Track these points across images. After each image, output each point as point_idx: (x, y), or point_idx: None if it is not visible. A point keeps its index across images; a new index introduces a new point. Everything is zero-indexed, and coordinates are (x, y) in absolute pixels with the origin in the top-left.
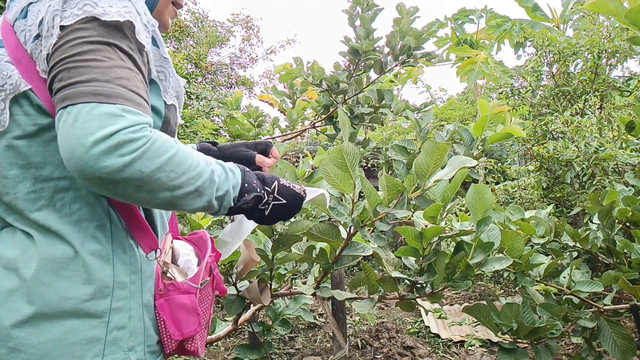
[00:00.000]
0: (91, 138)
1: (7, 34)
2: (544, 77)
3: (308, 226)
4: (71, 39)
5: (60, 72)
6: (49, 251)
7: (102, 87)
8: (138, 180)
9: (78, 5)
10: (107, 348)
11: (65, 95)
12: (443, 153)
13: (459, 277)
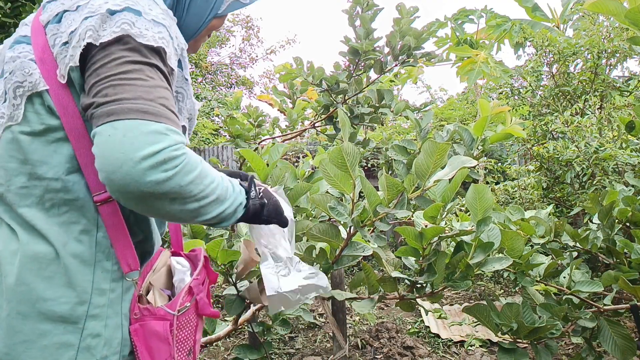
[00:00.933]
0: (140, 154)
1: (38, 33)
2: (544, 77)
3: (308, 226)
4: (115, 57)
5: (105, 89)
6: (31, 250)
7: (148, 106)
8: (175, 193)
9: (117, 24)
10: (80, 355)
11: (111, 111)
12: (443, 153)
13: (459, 277)
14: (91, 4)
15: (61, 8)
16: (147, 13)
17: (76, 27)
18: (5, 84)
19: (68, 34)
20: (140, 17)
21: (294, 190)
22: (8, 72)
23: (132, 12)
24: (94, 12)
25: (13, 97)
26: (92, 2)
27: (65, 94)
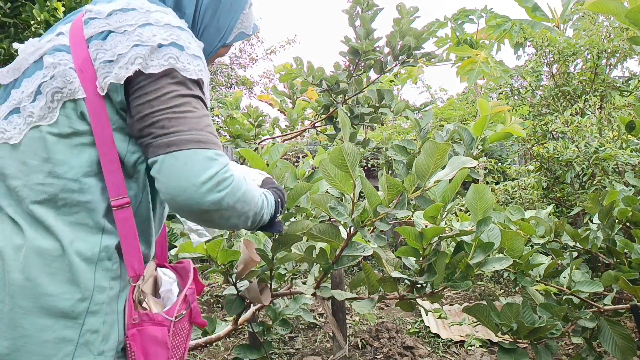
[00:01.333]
0: (199, 179)
1: (78, 45)
2: (544, 77)
3: (308, 226)
4: (166, 92)
5: (161, 121)
6: (37, 245)
7: (200, 135)
8: (226, 209)
9: (164, 57)
10: (78, 350)
11: (171, 142)
12: (443, 153)
13: (459, 277)
14: (140, 32)
15: (107, 27)
16: (188, 47)
17: (124, 51)
18: (35, 84)
19: (113, 54)
20: (183, 52)
21: (294, 190)
22: (49, 76)
23: (176, 47)
24: (144, 43)
25: (50, 100)
26: (141, 31)
27: (100, 104)
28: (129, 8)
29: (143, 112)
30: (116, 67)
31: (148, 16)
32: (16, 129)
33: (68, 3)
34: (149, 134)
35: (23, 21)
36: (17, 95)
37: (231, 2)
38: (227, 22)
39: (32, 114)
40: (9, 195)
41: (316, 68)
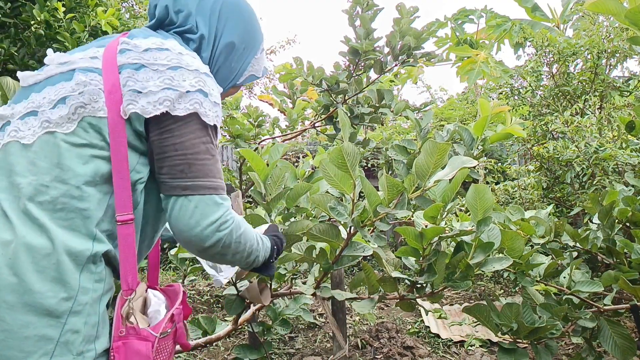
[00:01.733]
0: (206, 221)
1: (110, 70)
2: (544, 77)
3: (308, 226)
4: (189, 138)
5: (181, 165)
6: (27, 242)
7: (211, 182)
8: (225, 247)
9: (190, 102)
10: (58, 349)
11: (187, 186)
12: (443, 153)
13: (459, 277)
14: (172, 75)
15: (141, 61)
16: (211, 94)
17: (155, 90)
18: (58, 94)
19: (144, 86)
20: (206, 99)
21: (294, 190)
22: (77, 92)
23: (202, 94)
24: (174, 87)
25: (72, 112)
26: (172, 74)
27: (120, 125)
28: (163, 47)
29: (166, 153)
30: (144, 100)
31: (180, 58)
32: (30, 130)
33: (68, 3)
34: (168, 173)
35: (23, 21)
36: (37, 99)
37: (244, 47)
38: (239, 65)
39: (49, 119)
40: (9, 190)
41: (316, 68)
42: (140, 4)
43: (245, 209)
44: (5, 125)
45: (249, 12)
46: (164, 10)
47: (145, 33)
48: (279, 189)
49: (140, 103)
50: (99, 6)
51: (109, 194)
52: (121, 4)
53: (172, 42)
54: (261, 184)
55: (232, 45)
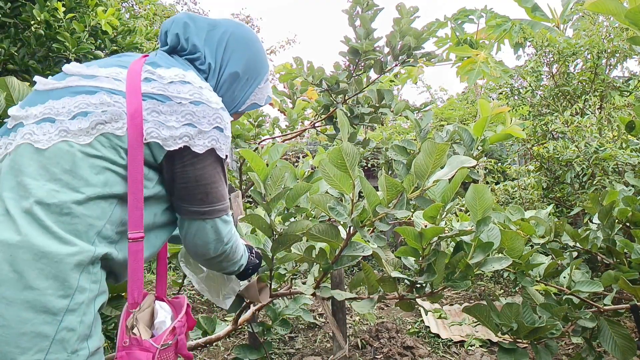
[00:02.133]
0: (218, 238)
1: (134, 95)
2: (544, 77)
3: (308, 226)
4: (207, 171)
5: (200, 194)
6: (29, 241)
7: (223, 205)
8: (226, 256)
9: (208, 139)
10: (53, 346)
11: (204, 212)
12: (442, 153)
13: (458, 277)
14: (193, 111)
15: (165, 93)
16: (226, 128)
17: (176, 125)
18: (78, 106)
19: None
20: (222, 134)
21: (293, 190)
22: (100, 110)
23: (218, 130)
24: (194, 124)
25: (92, 127)
26: (194, 109)
27: (139, 148)
28: (185, 80)
29: (187, 183)
30: (167, 133)
31: (201, 93)
32: (46, 136)
33: (68, 3)
34: (188, 201)
35: (23, 21)
36: (55, 106)
37: (247, 77)
38: (242, 94)
39: (68, 129)
40: (16, 190)
41: (316, 68)
42: (140, 4)
43: (246, 209)
44: (17, 126)
45: (256, 44)
46: (175, 38)
47: (166, 61)
48: (279, 189)
49: (162, 135)
50: (99, 6)
51: (114, 203)
52: (121, 4)
53: (191, 74)
54: (261, 184)
55: (236, 75)
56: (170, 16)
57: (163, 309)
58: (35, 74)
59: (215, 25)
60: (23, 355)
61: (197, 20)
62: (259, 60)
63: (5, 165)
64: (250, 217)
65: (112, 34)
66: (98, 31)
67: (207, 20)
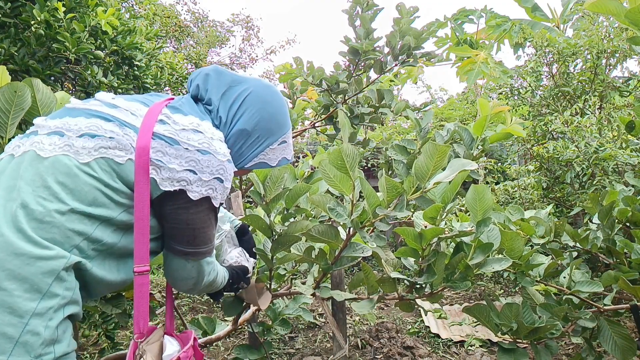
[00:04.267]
0: (197, 277)
1: (146, 133)
2: (544, 78)
3: (307, 226)
4: (199, 217)
5: (188, 236)
6: (5, 241)
7: (208, 247)
8: (204, 288)
9: (205, 188)
10: (16, 349)
11: (188, 252)
12: (443, 155)
13: (458, 277)
14: (197, 159)
15: (175, 137)
16: (226, 180)
17: (178, 169)
18: (89, 128)
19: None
20: (221, 184)
21: (293, 190)
22: (108, 136)
23: (218, 181)
24: (196, 171)
25: (94, 149)
26: (199, 157)
27: (146, 186)
28: (198, 130)
29: (178, 224)
30: (165, 174)
31: (210, 143)
32: (51, 146)
33: (68, 3)
34: (175, 240)
35: (23, 21)
36: (69, 122)
37: (258, 136)
38: (249, 152)
39: (72, 145)
40: (9, 190)
41: (316, 68)
42: (140, 4)
43: (245, 209)
44: (32, 133)
45: (274, 106)
46: (196, 89)
47: (187, 108)
48: (278, 189)
49: (160, 174)
50: (99, 6)
51: (96, 224)
52: (121, 4)
53: (207, 124)
54: (260, 184)
55: (244, 132)
56: (170, 16)
57: (172, 343)
58: (35, 74)
59: (240, 82)
60: None
61: (221, 74)
62: (274, 122)
63: (9, 167)
64: (249, 218)
65: (112, 34)
66: (98, 31)
67: (233, 76)
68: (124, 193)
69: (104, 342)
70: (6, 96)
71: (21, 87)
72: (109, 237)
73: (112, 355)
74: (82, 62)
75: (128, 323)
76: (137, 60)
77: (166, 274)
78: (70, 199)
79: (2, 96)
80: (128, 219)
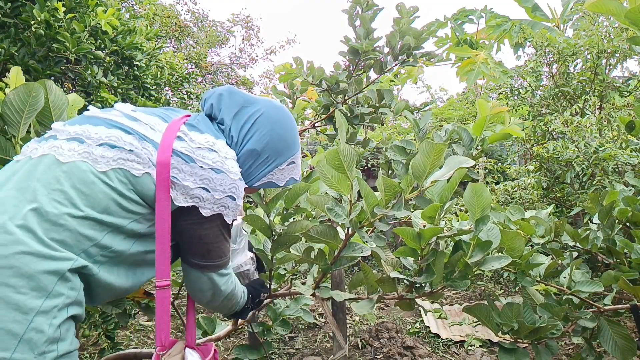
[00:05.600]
0: (214, 289)
1: (166, 149)
2: (544, 77)
3: (307, 226)
4: (211, 232)
5: (202, 250)
6: (14, 239)
7: (222, 260)
8: (222, 302)
9: (217, 205)
10: (20, 346)
11: (204, 266)
12: (440, 153)
13: (457, 276)
14: (211, 177)
15: (192, 155)
16: (238, 197)
17: (191, 185)
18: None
19: (184, 178)
20: (233, 202)
21: (292, 190)
22: (127, 149)
23: (230, 199)
24: (209, 189)
25: (113, 159)
26: (213, 176)
27: (167, 202)
28: (213, 149)
29: (192, 239)
30: (180, 190)
31: (224, 162)
32: (70, 152)
33: (68, 3)
34: (190, 253)
35: (23, 21)
36: (89, 130)
37: (267, 156)
38: (258, 172)
39: (91, 153)
40: (24, 191)
41: (316, 68)
42: (140, 4)
43: (246, 209)
44: (51, 137)
45: (284, 127)
46: (210, 108)
47: (203, 126)
48: (278, 189)
49: (174, 191)
50: (99, 6)
51: (106, 231)
52: (121, 4)
53: (221, 143)
54: None
55: (254, 153)
56: (170, 16)
57: (192, 356)
58: (35, 74)
59: (252, 102)
60: None
61: (234, 94)
62: (284, 143)
63: (24, 168)
64: (249, 218)
65: (112, 34)
66: (98, 31)
67: (246, 97)
68: (137, 203)
69: (104, 342)
70: (21, 96)
71: (36, 88)
72: (119, 244)
73: (112, 355)
74: (82, 62)
75: (128, 323)
76: (137, 60)
77: (186, 286)
78: (84, 205)
79: (17, 96)
80: (138, 228)
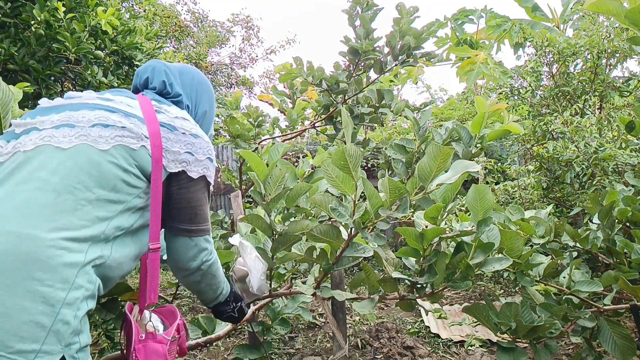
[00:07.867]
0: (200, 254)
1: (153, 122)
2: (544, 77)
3: (308, 226)
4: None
5: (189, 214)
6: (31, 233)
7: (207, 226)
8: (204, 275)
9: (201, 167)
10: (48, 338)
11: (191, 230)
12: (447, 157)
13: (459, 277)
14: (192, 142)
15: (173, 124)
16: (214, 160)
17: (180, 151)
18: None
19: (172, 145)
20: (211, 163)
21: (293, 190)
22: (119, 126)
23: (209, 160)
24: (193, 152)
25: (111, 137)
26: (193, 140)
27: (159, 170)
28: (185, 118)
29: (180, 203)
30: (170, 156)
31: (196, 129)
32: (66, 138)
33: (68, 3)
34: (178, 219)
35: (23, 21)
36: (74, 115)
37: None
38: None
39: (88, 134)
40: (32, 182)
41: (316, 68)
42: (140, 4)
43: (245, 209)
44: (31, 130)
45: (208, 83)
46: (161, 84)
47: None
48: (279, 189)
49: (167, 157)
50: (99, 6)
51: (118, 210)
52: (121, 4)
53: (185, 112)
54: (261, 184)
55: (205, 113)
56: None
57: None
58: (35, 74)
59: (182, 71)
60: (20, 343)
61: (170, 67)
62: (212, 95)
63: (18, 163)
64: (250, 217)
65: (112, 34)
66: (98, 31)
67: (175, 66)
68: (138, 178)
69: (104, 342)
70: None
71: None
72: (126, 221)
73: (112, 355)
74: (82, 62)
75: None
76: (137, 60)
77: (169, 257)
78: (95, 187)
79: None
80: (139, 203)
